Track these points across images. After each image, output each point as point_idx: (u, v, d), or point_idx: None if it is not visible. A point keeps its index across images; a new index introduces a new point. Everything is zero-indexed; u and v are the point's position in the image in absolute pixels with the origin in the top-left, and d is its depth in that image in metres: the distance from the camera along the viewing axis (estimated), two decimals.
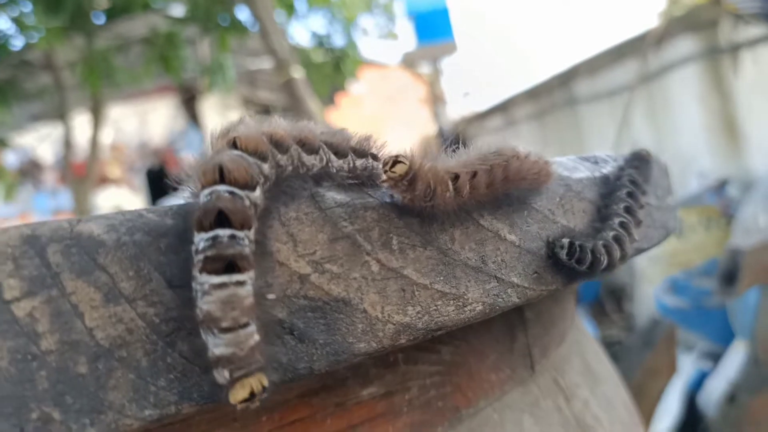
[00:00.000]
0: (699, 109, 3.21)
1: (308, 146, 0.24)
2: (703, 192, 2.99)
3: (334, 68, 4.12)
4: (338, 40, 4.16)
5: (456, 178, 0.27)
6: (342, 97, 5.96)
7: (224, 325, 0.19)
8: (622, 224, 0.34)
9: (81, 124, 4.20)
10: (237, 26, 3.49)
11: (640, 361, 1.72)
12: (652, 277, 3.10)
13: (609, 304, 3.80)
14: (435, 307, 0.26)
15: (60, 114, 3.90)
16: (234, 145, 0.22)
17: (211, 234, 0.20)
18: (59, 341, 0.19)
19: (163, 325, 0.20)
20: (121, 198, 5.42)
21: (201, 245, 0.20)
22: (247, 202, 0.21)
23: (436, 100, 7.48)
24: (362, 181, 0.27)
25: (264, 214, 0.22)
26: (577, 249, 0.31)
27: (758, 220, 2.33)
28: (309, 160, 0.24)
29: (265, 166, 0.23)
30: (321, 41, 4.15)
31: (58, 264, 0.19)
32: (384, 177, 0.26)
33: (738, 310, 2.27)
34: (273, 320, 0.22)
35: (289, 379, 0.23)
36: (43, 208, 5.27)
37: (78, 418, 0.19)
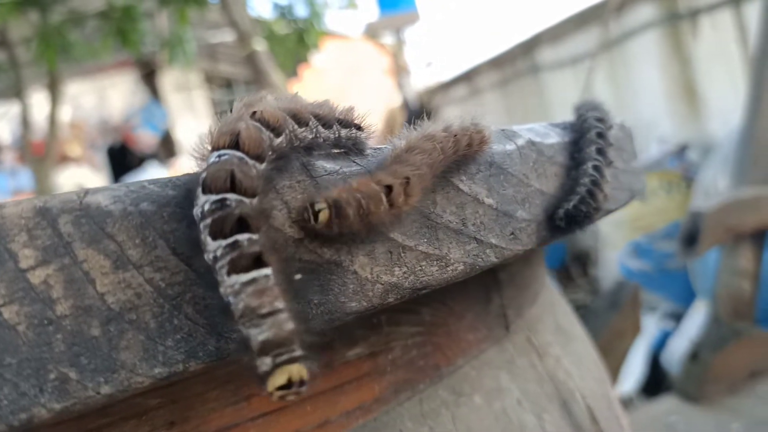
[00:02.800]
0: (659, 74, 3.26)
1: (300, 119, 0.25)
2: (664, 157, 3.05)
3: (298, 40, 4.07)
4: (301, 11, 4.10)
5: (389, 189, 0.26)
6: (305, 69, 5.91)
7: (263, 311, 0.21)
8: (593, 182, 0.36)
9: (38, 101, 4.11)
10: None
11: (606, 322, 1.76)
12: (615, 242, 3.16)
13: (574, 269, 3.87)
14: (420, 268, 0.28)
15: (16, 92, 3.81)
16: (253, 116, 0.24)
17: (219, 197, 0.21)
18: (73, 306, 0.20)
19: (169, 290, 0.21)
20: (83, 177, 5.32)
21: (206, 207, 0.21)
22: (255, 171, 0.22)
23: (400, 70, 7.46)
24: (347, 149, 0.29)
25: (265, 184, 0.24)
26: (573, 216, 0.35)
27: (717, 183, 2.39)
28: (301, 132, 0.25)
29: (278, 140, 0.24)
30: (283, 12, 4.09)
31: (70, 234, 0.20)
32: (311, 226, 0.24)
33: (699, 271, 2.34)
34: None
35: None
36: (2, 188, 5.16)
37: (93, 377, 0.20)
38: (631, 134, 0.51)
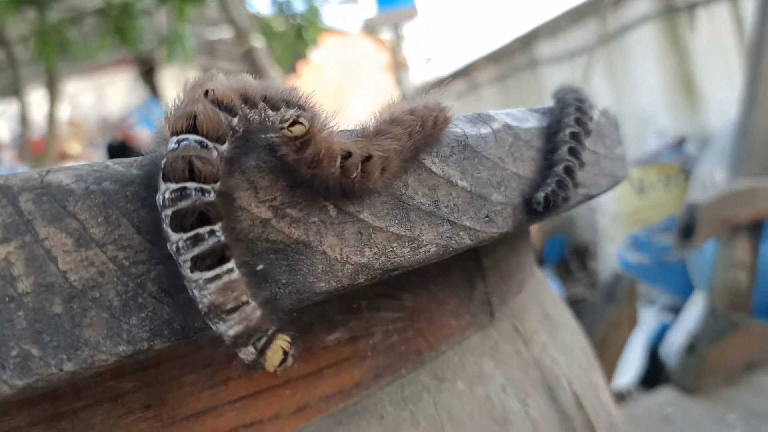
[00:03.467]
0: (657, 68, 3.26)
1: (249, 100, 0.25)
2: (662, 150, 3.05)
3: (296, 36, 4.07)
4: (299, 7, 4.09)
5: (347, 156, 0.26)
6: (303, 65, 5.90)
7: (229, 306, 0.21)
8: (567, 168, 0.36)
9: (37, 100, 4.11)
10: None
11: (602, 315, 1.77)
12: (614, 236, 3.16)
13: (574, 263, 3.88)
14: (391, 249, 0.28)
15: (14, 90, 3.80)
16: (206, 97, 0.23)
17: (179, 186, 0.21)
18: (35, 283, 0.20)
19: (133, 268, 0.22)
20: None
21: (167, 195, 0.21)
22: (215, 154, 0.22)
23: (398, 66, 7.46)
24: None
25: (227, 165, 0.24)
26: (551, 200, 0.35)
27: (714, 175, 2.39)
28: (251, 114, 0.25)
29: (235, 120, 0.24)
30: (281, 8, 4.09)
31: (30, 212, 0.20)
32: (279, 132, 0.24)
33: (696, 264, 2.34)
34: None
35: None
36: None
37: (56, 354, 0.20)
38: (615, 121, 0.51)
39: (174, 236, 0.21)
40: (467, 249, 0.32)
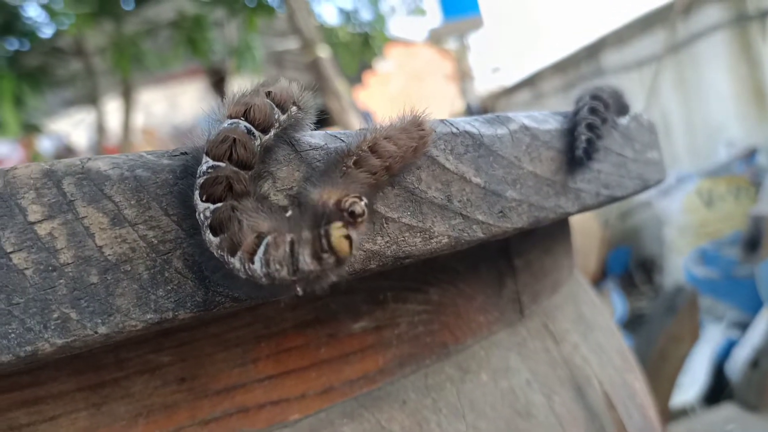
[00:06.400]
0: (727, 77, 3.17)
1: (296, 104, 0.28)
2: (732, 161, 2.96)
3: (363, 45, 4.13)
4: (366, 16, 4.15)
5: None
6: (369, 75, 5.97)
7: (286, 250, 0.21)
8: (589, 125, 0.38)
9: (113, 109, 4.29)
10: (264, 7, 3.52)
11: (662, 327, 1.73)
12: (681, 248, 3.08)
13: (639, 275, 3.79)
14: (403, 238, 0.30)
15: (92, 99, 3.99)
16: (267, 95, 0.27)
17: (214, 164, 0.24)
18: (74, 256, 0.23)
19: (161, 246, 0.24)
20: None
21: (204, 168, 0.24)
22: (258, 142, 0.25)
23: (463, 76, 7.46)
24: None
25: (264, 153, 0.27)
26: (591, 142, 0.39)
27: None
28: (301, 117, 0.29)
29: (283, 117, 0.27)
30: (348, 17, 4.15)
31: (72, 193, 0.23)
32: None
33: (765, 278, 2.27)
34: None
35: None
36: None
37: (91, 318, 0.23)
38: (649, 126, 0.52)
39: (201, 205, 0.23)
40: (480, 242, 0.33)
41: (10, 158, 5.42)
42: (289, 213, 0.24)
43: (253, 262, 0.22)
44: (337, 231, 0.21)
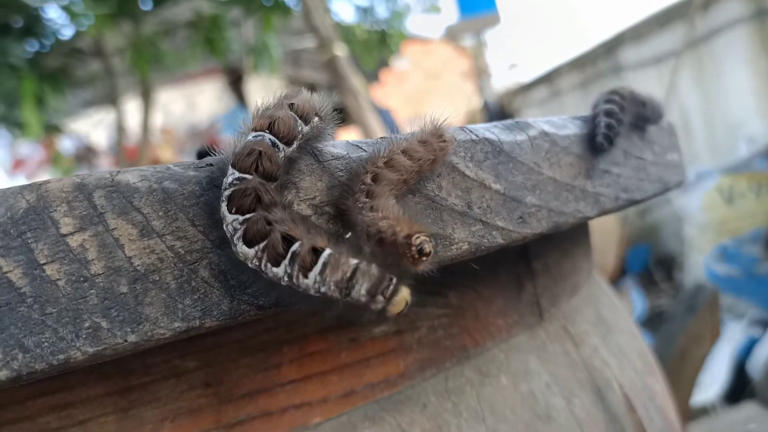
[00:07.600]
0: (747, 73, 3.14)
1: (315, 115, 0.29)
2: (753, 157, 2.93)
3: (380, 42, 4.12)
4: (382, 12, 4.15)
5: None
6: (386, 73, 5.97)
7: (347, 274, 0.23)
8: (607, 111, 0.39)
9: (132, 109, 4.32)
10: (280, 6, 3.53)
11: (683, 326, 1.72)
12: (701, 246, 3.06)
13: (658, 273, 3.77)
14: None
15: (111, 99, 4.02)
16: (290, 107, 0.28)
17: (240, 175, 0.25)
18: (105, 267, 0.23)
19: (188, 256, 0.25)
20: None
21: (230, 180, 0.25)
22: (282, 155, 0.26)
23: (480, 73, 7.44)
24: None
25: (288, 164, 0.27)
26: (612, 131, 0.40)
27: None
28: (323, 128, 0.29)
29: (306, 129, 0.28)
30: (365, 14, 4.15)
31: (103, 206, 0.24)
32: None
33: None
34: None
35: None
36: None
37: (121, 326, 0.24)
38: (669, 130, 0.52)
39: (230, 217, 0.24)
40: (500, 248, 0.34)
41: (32, 158, 5.49)
42: (349, 235, 0.25)
43: (306, 277, 0.23)
44: (404, 292, 0.24)
